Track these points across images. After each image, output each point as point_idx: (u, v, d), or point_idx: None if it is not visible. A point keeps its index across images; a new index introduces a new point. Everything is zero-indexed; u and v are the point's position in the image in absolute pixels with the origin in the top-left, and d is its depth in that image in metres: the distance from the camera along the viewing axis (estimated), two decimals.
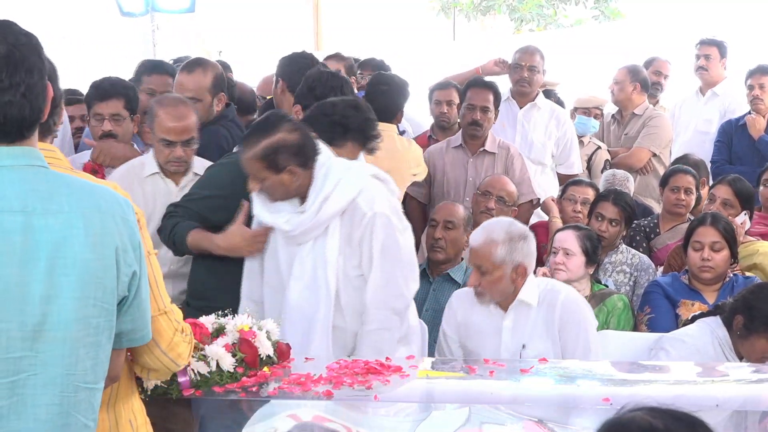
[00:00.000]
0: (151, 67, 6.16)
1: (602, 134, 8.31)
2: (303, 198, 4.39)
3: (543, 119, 7.49)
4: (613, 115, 8.30)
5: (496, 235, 4.77)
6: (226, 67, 9.44)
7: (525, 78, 7.49)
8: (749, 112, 7.97)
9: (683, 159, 7.46)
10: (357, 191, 4.43)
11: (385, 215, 4.44)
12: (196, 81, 5.71)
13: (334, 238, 4.41)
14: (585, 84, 9.77)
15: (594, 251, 5.59)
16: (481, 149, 6.79)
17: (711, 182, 7.18)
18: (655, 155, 7.88)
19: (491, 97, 6.76)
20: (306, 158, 4.35)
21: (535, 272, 5.31)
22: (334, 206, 4.37)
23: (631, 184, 7.13)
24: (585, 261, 5.53)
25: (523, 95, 7.52)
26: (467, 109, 6.80)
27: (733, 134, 8.03)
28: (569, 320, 4.76)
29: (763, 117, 7.92)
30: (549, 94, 8.50)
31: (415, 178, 6.38)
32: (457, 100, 7.24)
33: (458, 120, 7.12)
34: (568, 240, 5.54)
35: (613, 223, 6.09)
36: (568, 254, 5.50)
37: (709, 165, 7.85)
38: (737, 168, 7.62)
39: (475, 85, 6.87)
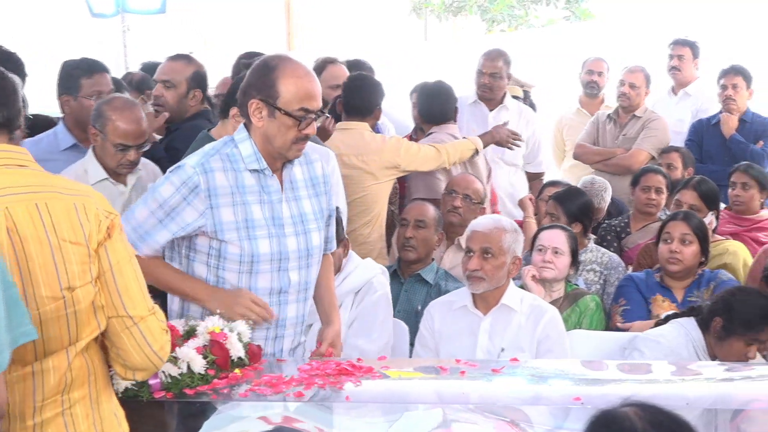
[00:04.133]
0: (88, 68, 5.73)
1: (596, 133, 8.25)
2: None
3: (512, 120, 7.52)
4: (609, 114, 8.24)
5: (503, 224, 5.02)
6: None
7: (486, 84, 7.56)
8: (720, 112, 8.01)
9: (669, 149, 7.53)
10: (377, 270, 5.02)
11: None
12: (176, 68, 5.81)
13: (346, 313, 4.80)
14: (556, 84, 9.77)
15: (577, 252, 5.63)
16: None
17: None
18: (653, 158, 7.89)
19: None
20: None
21: (522, 271, 5.37)
22: (352, 283, 4.76)
23: (608, 194, 7.16)
24: (570, 261, 5.56)
25: (486, 100, 7.57)
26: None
27: (704, 133, 8.07)
28: (551, 335, 4.88)
29: (736, 117, 7.96)
30: (525, 95, 8.51)
31: (397, 172, 6.37)
32: None
33: None
34: (557, 239, 5.57)
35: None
36: (557, 253, 5.52)
37: None
38: (708, 167, 7.66)
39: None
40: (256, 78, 3.88)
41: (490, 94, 7.57)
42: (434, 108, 6.97)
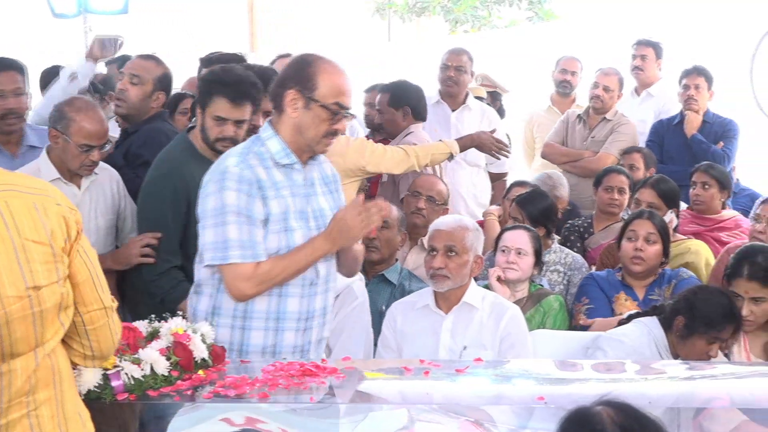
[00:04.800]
0: None
1: (565, 133, 8.27)
2: None
3: (475, 120, 7.55)
4: (579, 115, 8.27)
5: (466, 223, 5.06)
6: None
7: (451, 77, 7.60)
8: (681, 112, 8.05)
9: (631, 150, 7.56)
10: (356, 277, 4.91)
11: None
12: (146, 66, 5.84)
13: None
14: (519, 84, 9.79)
15: (541, 253, 5.64)
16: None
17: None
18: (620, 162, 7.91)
19: (386, 99, 7.11)
20: None
21: (486, 271, 5.39)
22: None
23: (564, 189, 7.19)
24: (534, 262, 5.58)
25: (451, 96, 7.57)
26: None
27: (665, 134, 8.11)
28: (513, 332, 4.90)
29: (700, 116, 7.99)
30: (495, 97, 8.53)
31: (362, 174, 6.37)
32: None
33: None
34: (521, 240, 5.58)
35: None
36: (520, 254, 5.54)
37: None
38: (669, 167, 7.71)
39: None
40: (295, 70, 4.04)
41: (455, 88, 7.58)
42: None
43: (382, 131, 7.21)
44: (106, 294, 2.99)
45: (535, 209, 6.18)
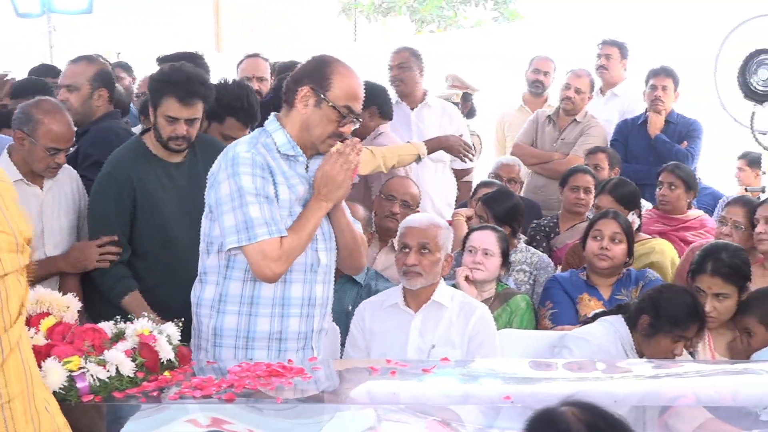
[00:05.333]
0: None
1: (534, 133, 8.27)
2: None
3: (436, 117, 7.55)
4: (548, 115, 8.27)
5: (438, 221, 5.08)
6: (127, 68, 9.36)
7: (396, 76, 7.59)
8: (646, 111, 8.08)
9: (595, 150, 7.58)
10: None
11: None
12: (77, 70, 5.79)
13: None
14: (484, 84, 9.81)
15: (508, 253, 5.66)
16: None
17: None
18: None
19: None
20: None
21: (454, 271, 5.40)
22: None
23: (520, 170, 7.32)
24: (501, 262, 5.59)
25: (405, 95, 7.56)
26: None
27: (629, 133, 8.14)
28: (481, 331, 4.90)
29: (663, 117, 8.04)
30: (467, 98, 8.54)
31: None
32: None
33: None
34: (488, 240, 5.59)
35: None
36: (487, 254, 5.55)
37: None
38: (633, 166, 7.75)
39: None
40: (312, 69, 4.09)
41: (403, 87, 7.56)
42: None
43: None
44: None
45: (500, 209, 6.19)
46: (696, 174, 7.67)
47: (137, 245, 4.99)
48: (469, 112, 9.21)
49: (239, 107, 5.38)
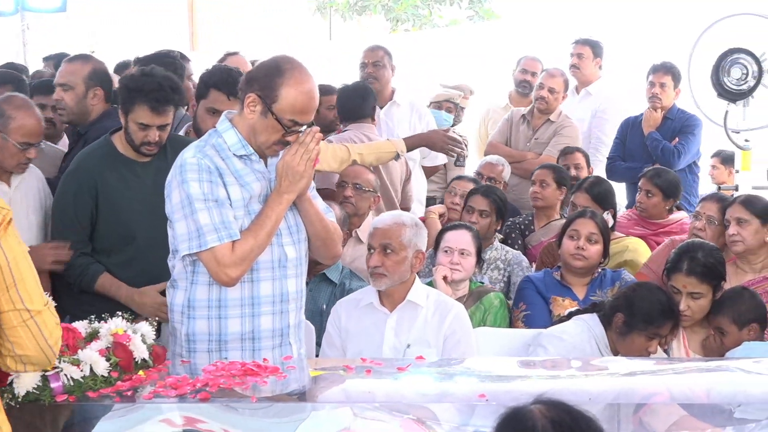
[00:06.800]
0: None
1: (509, 132, 8.27)
2: None
3: (405, 115, 7.56)
4: (523, 114, 8.25)
5: (404, 219, 5.01)
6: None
7: (371, 74, 7.57)
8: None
9: (567, 150, 7.60)
10: None
11: None
12: (72, 69, 5.75)
13: None
14: (461, 83, 9.81)
15: (481, 251, 5.67)
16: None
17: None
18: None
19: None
20: None
21: (428, 268, 5.39)
22: None
23: (507, 171, 7.32)
24: (476, 260, 5.60)
25: (377, 93, 7.53)
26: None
27: (628, 131, 8.16)
28: (457, 331, 4.89)
29: (659, 114, 8.04)
30: (440, 105, 8.52)
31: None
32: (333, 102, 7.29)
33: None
34: (464, 240, 5.59)
35: (483, 215, 6.18)
36: (464, 254, 5.55)
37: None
38: (628, 164, 7.79)
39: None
40: (264, 74, 4.01)
41: (377, 85, 7.55)
42: (351, 104, 6.98)
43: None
44: (28, 295, 2.95)
45: (489, 198, 6.25)
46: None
47: (99, 242, 4.99)
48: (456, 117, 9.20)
49: (220, 80, 5.31)
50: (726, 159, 8.78)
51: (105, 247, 4.99)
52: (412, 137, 6.81)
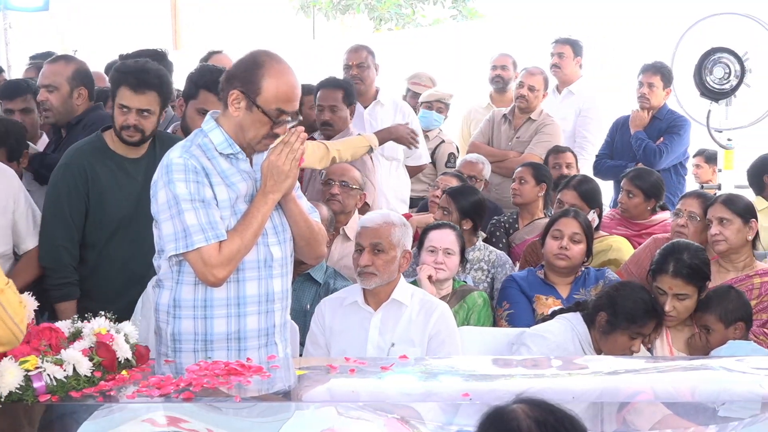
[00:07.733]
0: None
1: (490, 132, 8.27)
2: None
3: (389, 115, 7.55)
4: (504, 114, 8.26)
5: (393, 218, 5.01)
6: None
7: (356, 75, 7.56)
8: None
9: (558, 149, 7.62)
10: None
11: None
12: (55, 69, 5.80)
13: None
14: (444, 82, 9.82)
15: (464, 250, 5.68)
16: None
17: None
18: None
19: (340, 96, 6.92)
20: None
21: (413, 268, 5.40)
22: None
23: (487, 170, 7.32)
24: (459, 260, 5.60)
25: (360, 93, 7.52)
26: (318, 110, 6.99)
27: (617, 130, 8.18)
28: (442, 330, 4.89)
29: (647, 114, 8.06)
30: (431, 105, 8.50)
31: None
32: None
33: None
34: (448, 239, 5.60)
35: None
36: (448, 254, 5.55)
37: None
38: (616, 162, 7.82)
39: (325, 85, 7.03)
40: (243, 70, 4.01)
41: (362, 86, 7.54)
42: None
43: (329, 128, 7.04)
44: None
45: (466, 202, 6.21)
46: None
47: (86, 236, 5.04)
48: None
49: (210, 80, 5.30)
50: (709, 158, 8.81)
51: (91, 241, 5.01)
52: (381, 131, 6.87)
